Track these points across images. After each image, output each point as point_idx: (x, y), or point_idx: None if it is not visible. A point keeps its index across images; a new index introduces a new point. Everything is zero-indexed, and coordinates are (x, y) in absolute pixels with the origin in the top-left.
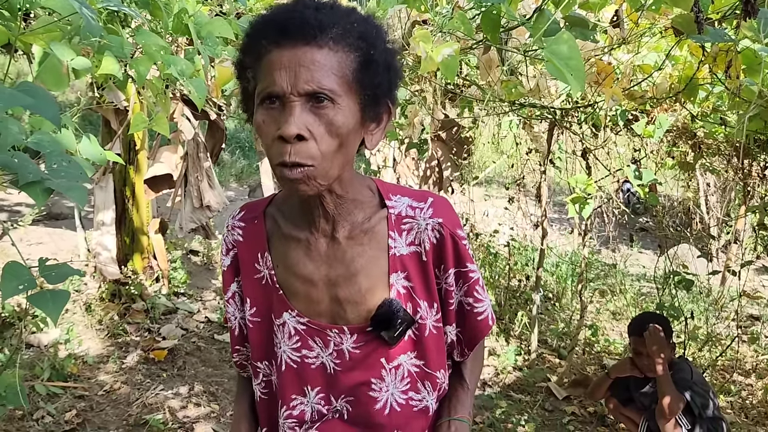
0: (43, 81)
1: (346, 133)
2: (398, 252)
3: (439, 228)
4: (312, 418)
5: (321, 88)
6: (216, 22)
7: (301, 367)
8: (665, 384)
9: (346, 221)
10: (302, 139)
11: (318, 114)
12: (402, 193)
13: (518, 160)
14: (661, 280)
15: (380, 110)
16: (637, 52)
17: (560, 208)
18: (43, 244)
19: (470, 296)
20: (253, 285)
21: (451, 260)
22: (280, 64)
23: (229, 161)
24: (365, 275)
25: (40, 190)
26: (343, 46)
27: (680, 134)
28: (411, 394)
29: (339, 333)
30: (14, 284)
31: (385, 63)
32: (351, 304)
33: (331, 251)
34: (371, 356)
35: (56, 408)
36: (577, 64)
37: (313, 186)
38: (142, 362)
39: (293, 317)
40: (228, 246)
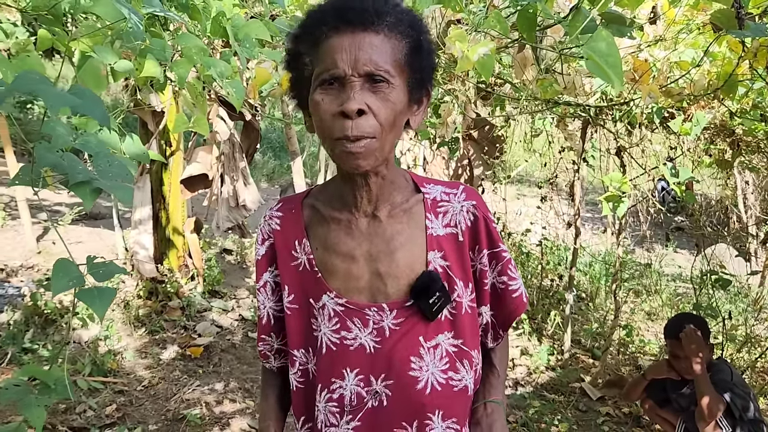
0: (83, 83)
1: (399, 110)
2: (435, 232)
3: (474, 210)
4: (351, 401)
5: (378, 69)
6: (253, 24)
7: (340, 349)
8: (704, 386)
9: (386, 202)
10: (362, 113)
11: (375, 92)
12: (434, 183)
13: (551, 159)
14: (697, 280)
15: (422, 93)
16: (674, 48)
17: (593, 207)
18: (82, 243)
19: (504, 275)
20: (291, 272)
21: (485, 241)
22: (341, 48)
23: (260, 161)
24: (405, 251)
25: (88, 190)
26: (395, 33)
27: (718, 131)
28: (450, 374)
29: (378, 311)
30: (64, 280)
31: (428, 49)
32: (391, 277)
33: (372, 228)
34: (410, 334)
35: (97, 402)
36: (615, 61)
37: (370, 160)
38: (178, 359)
39: (332, 299)
40: (264, 236)
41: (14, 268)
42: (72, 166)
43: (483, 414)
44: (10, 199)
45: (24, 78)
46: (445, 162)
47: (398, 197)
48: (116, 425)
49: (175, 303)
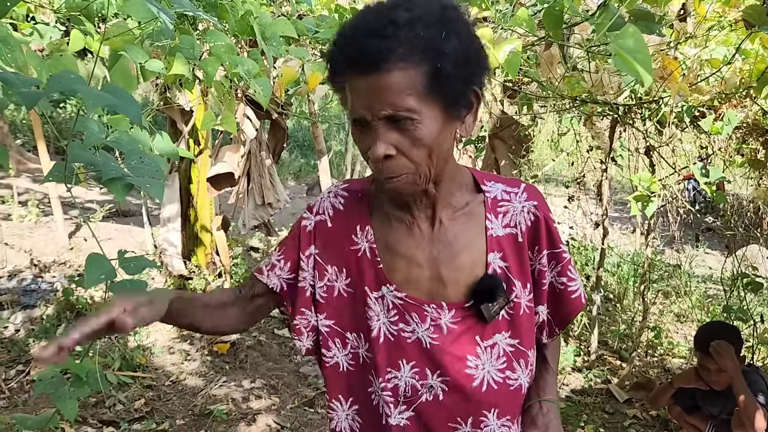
0: (114, 82)
1: (432, 142)
2: (495, 233)
3: (535, 211)
4: (405, 392)
5: (397, 110)
6: (280, 22)
7: (397, 341)
8: (747, 399)
9: (448, 203)
10: (390, 157)
11: (401, 131)
12: (495, 180)
13: (578, 158)
14: (728, 282)
15: (467, 101)
16: (705, 46)
17: (621, 207)
18: (112, 240)
19: (564, 276)
20: (348, 256)
21: (545, 242)
22: (357, 92)
23: (287, 160)
24: (466, 253)
25: (121, 186)
26: (410, 63)
27: (750, 131)
28: (508, 373)
29: (437, 308)
30: (97, 274)
31: (459, 60)
32: (452, 281)
33: (434, 232)
34: (467, 333)
35: (126, 396)
36: (644, 57)
37: (412, 187)
38: (206, 355)
39: (391, 291)
40: (319, 209)
41: (47, 264)
42: (105, 162)
43: (539, 413)
44: (43, 196)
45: (61, 78)
46: (472, 161)
47: (460, 198)
48: (144, 419)
49: None
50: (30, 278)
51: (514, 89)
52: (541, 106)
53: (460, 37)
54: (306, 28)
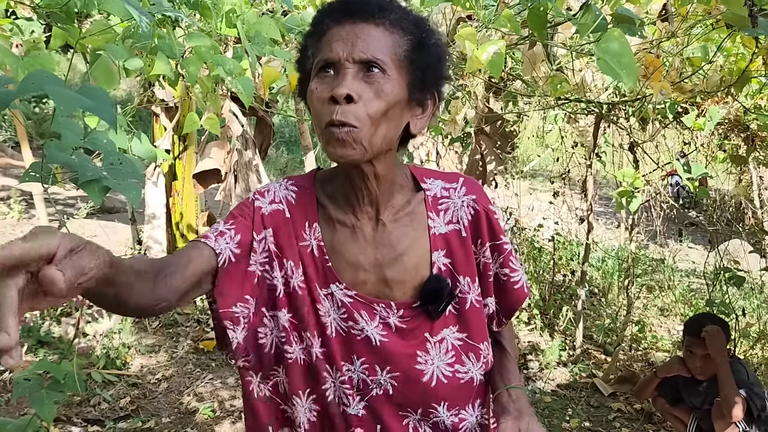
0: (96, 79)
1: (392, 102)
2: (438, 231)
3: (474, 204)
4: (358, 386)
5: (375, 57)
6: (263, 22)
7: (347, 337)
8: (728, 385)
9: (389, 204)
10: (351, 100)
11: (368, 82)
12: (434, 176)
13: (563, 154)
14: (711, 276)
15: (426, 96)
16: (686, 45)
17: (607, 202)
18: (96, 237)
19: (506, 267)
20: (300, 252)
21: (487, 234)
22: (339, 36)
23: (274, 156)
24: (410, 254)
25: (97, 188)
26: (398, 29)
27: (732, 127)
28: (457, 367)
29: (386, 307)
30: None
31: (436, 53)
32: (397, 283)
33: (377, 234)
34: (416, 330)
35: (111, 395)
36: (628, 61)
37: (356, 150)
38: (191, 352)
39: (341, 290)
40: (275, 198)
41: None
42: (82, 164)
43: (509, 400)
44: (24, 193)
45: (34, 78)
46: (458, 157)
47: (401, 199)
48: (130, 418)
49: None
50: None
51: (498, 87)
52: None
53: (439, 45)
54: (289, 27)
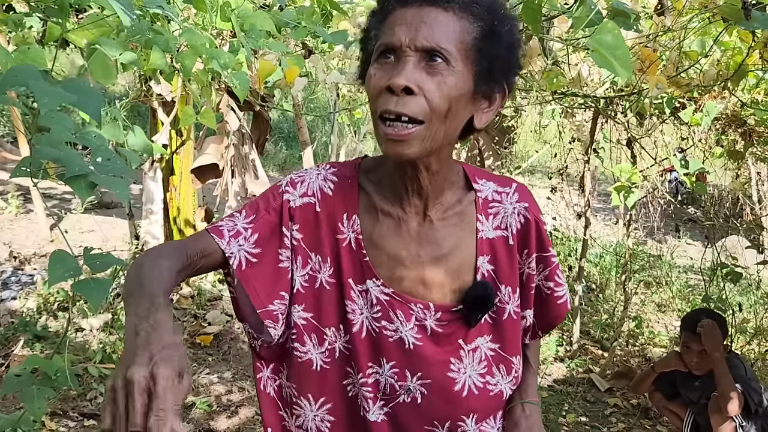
0: (92, 73)
1: (456, 97)
2: (485, 235)
3: (525, 213)
4: (384, 390)
5: (439, 46)
6: (258, 15)
7: (379, 338)
8: (725, 381)
9: (438, 201)
10: (410, 92)
11: (431, 72)
12: (487, 178)
13: (561, 150)
14: (708, 272)
15: (494, 88)
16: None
17: (605, 197)
18: (94, 232)
19: (551, 281)
20: (332, 245)
21: (535, 245)
22: (403, 20)
23: (272, 151)
24: (455, 256)
25: (84, 183)
26: (468, 14)
27: (729, 122)
28: (488, 378)
29: (423, 309)
30: (60, 271)
31: (507, 41)
32: (436, 284)
33: (423, 230)
34: (451, 336)
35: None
36: (623, 54)
37: (415, 147)
38: (188, 347)
39: (377, 286)
40: (308, 190)
41: (27, 256)
42: (70, 159)
43: (521, 415)
44: (19, 188)
45: (18, 72)
46: (456, 152)
47: (451, 196)
48: None
49: (185, 292)
50: (10, 271)
51: None
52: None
53: (513, 32)
54: (286, 20)
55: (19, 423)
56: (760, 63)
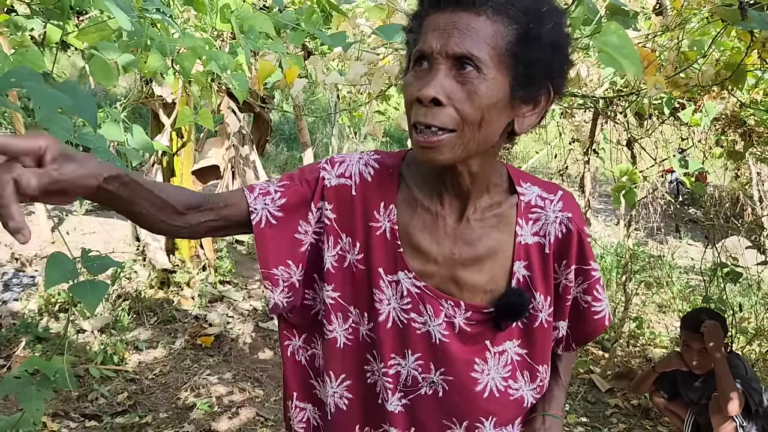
0: (93, 75)
1: (488, 105)
2: (524, 240)
3: (568, 223)
4: (406, 382)
5: (469, 53)
6: (258, 17)
7: (406, 329)
8: (725, 380)
9: (479, 201)
10: (439, 104)
11: (461, 81)
12: (532, 182)
13: (561, 150)
14: (708, 272)
15: (535, 91)
16: (681, 39)
17: (606, 198)
18: (96, 234)
19: (589, 294)
20: (365, 231)
21: (575, 256)
22: (436, 25)
23: (273, 153)
24: (490, 259)
25: None
26: (503, 16)
27: (729, 122)
28: (510, 383)
29: (454, 306)
30: (57, 274)
31: (549, 42)
32: (468, 285)
33: (459, 229)
34: (479, 336)
35: (109, 390)
36: (630, 52)
37: (447, 154)
38: (189, 348)
39: (409, 278)
40: (346, 173)
41: (29, 258)
42: None
43: (541, 427)
44: None
45: (14, 74)
46: None
47: (492, 198)
48: (128, 413)
49: (186, 293)
50: (11, 272)
51: None
52: None
53: (555, 24)
54: (285, 22)
55: (18, 424)
56: (759, 63)
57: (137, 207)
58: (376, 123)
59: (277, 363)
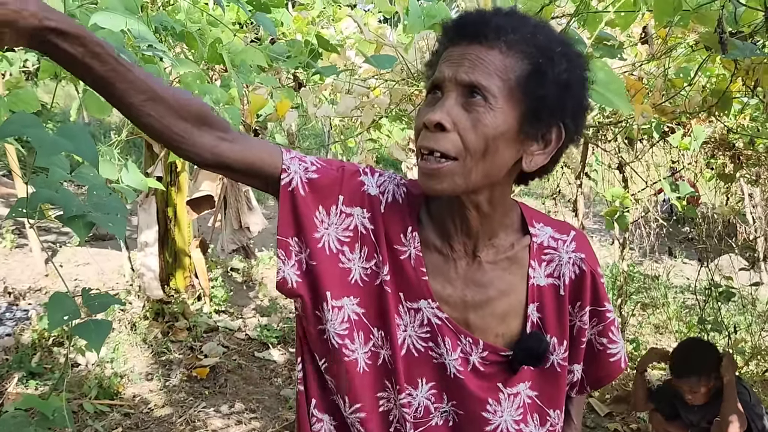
0: (87, 107)
1: (493, 137)
2: (537, 282)
3: (581, 263)
4: (416, 414)
5: (477, 81)
6: (249, 50)
7: (423, 358)
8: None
9: (491, 242)
10: (443, 129)
11: (468, 109)
12: (545, 222)
13: (553, 173)
14: (703, 292)
15: (545, 130)
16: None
17: (600, 219)
18: (90, 265)
19: (604, 337)
20: (392, 254)
21: (589, 298)
22: (450, 57)
23: None
24: (501, 302)
25: (82, 223)
26: (515, 51)
27: (718, 145)
28: (522, 426)
29: (472, 343)
30: (60, 315)
31: (560, 81)
32: (480, 328)
33: (470, 271)
34: (493, 376)
35: (103, 425)
36: (617, 88)
37: (446, 183)
38: (184, 380)
39: (431, 308)
40: (382, 188)
41: (22, 291)
42: (66, 200)
43: None
44: (14, 222)
45: (15, 121)
46: None
47: (505, 239)
48: None
49: (181, 323)
50: (4, 306)
51: None
52: None
53: (571, 71)
54: (275, 55)
55: None
56: (744, 89)
57: (117, 91)
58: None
59: (273, 394)
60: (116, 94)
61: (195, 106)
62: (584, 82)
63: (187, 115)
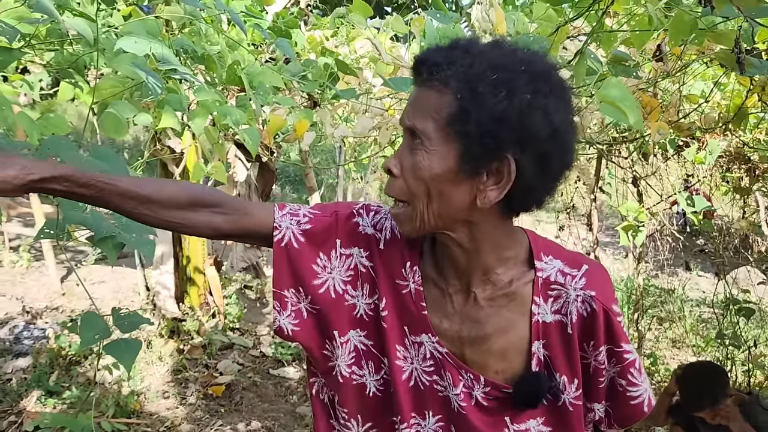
0: (104, 129)
1: (429, 178)
2: (542, 319)
3: (591, 301)
4: None
5: (414, 125)
6: (266, 72)
7: (429, 391)
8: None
9: (487, 278)
10: (392, 174)
11: (412, 152)
12: (555, 254)
13: (567, 188)
14: (720, 306)
15: (486, 165)
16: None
17: (614, 232)
18: (105, 283)
19: (623, 378)
20: (392, 289)
21: (603, 337)
22: (408, 101)
23: (278, 195)
24: (499, 338)
25: (112, 244)
26: (449, 88)
27: (734, 159)
28: None
29: (473, 379)
30: (91, 334)
31: (493, 113)
32: (477, 365)
33: (466, 308)
34: (498, 411)
35: None
36: (631, 104)
37: (407, 226)
38: (200, 398)
39: (432, 342)
40: (378, 226)
41: (39, 310)
42: (97, 222)
43: None
44: (24, 239)
45: (50, 144)
46: None
47: (504, 275)
48: None
49: (196, 341)
50: (22, 325)
51: None
52: None
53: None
54: (291, 76)
55: None
56: (760, 105)
57: (111, 205)
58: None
59: (288, 411)
60: (111, 206)
61: (184, 193)
62: (541, 108)
63: (179, 204)
